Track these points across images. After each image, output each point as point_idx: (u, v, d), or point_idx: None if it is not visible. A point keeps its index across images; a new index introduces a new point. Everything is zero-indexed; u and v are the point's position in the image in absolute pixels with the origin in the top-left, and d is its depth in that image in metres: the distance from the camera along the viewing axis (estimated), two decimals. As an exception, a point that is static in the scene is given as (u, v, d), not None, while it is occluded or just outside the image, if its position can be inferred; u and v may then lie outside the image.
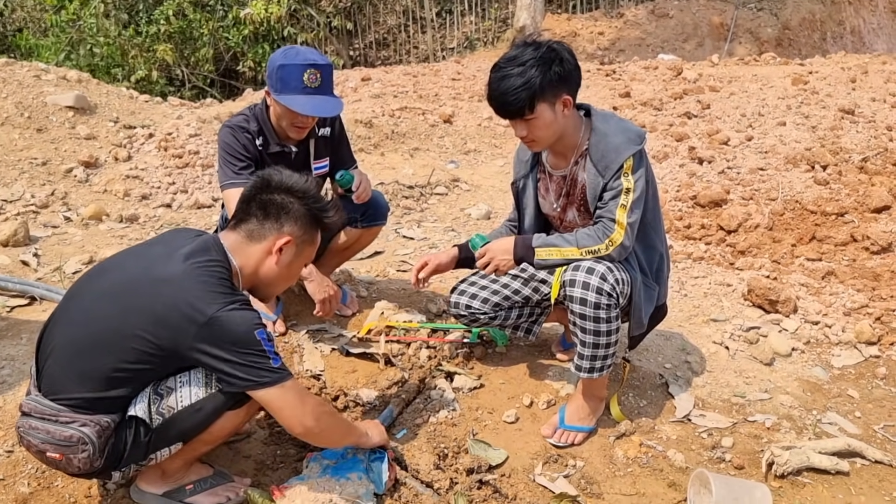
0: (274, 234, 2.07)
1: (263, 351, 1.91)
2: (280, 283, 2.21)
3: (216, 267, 1.98)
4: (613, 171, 2.36)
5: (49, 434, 1.89)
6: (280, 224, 2.08)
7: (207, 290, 1.91)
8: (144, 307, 1.90)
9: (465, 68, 9.65)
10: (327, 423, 2.07)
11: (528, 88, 2.28)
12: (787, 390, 2.96)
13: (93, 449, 1.90)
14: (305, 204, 2.10)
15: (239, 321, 1.90)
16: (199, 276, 1.93)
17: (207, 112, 6.60)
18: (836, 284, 3.94)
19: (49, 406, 1.91)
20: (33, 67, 6.08)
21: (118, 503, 2.18)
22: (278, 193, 2.08)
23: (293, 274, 2.22)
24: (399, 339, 3.12)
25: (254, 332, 1.90)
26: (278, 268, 2.11)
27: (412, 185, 5.51)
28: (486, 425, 2.67)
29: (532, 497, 2.33)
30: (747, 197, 5.12)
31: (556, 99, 2.34)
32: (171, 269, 1.94)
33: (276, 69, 2.73)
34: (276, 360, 1.94)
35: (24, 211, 4.51)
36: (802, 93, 7.36)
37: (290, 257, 2.12)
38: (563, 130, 2.43)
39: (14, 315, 3.23)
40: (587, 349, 2.47)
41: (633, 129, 2.42)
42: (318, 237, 2.21)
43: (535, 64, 2.27)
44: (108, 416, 1.94)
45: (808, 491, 2.41)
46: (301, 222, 2.10)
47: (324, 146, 3.14)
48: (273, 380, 1.93)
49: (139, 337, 1.89)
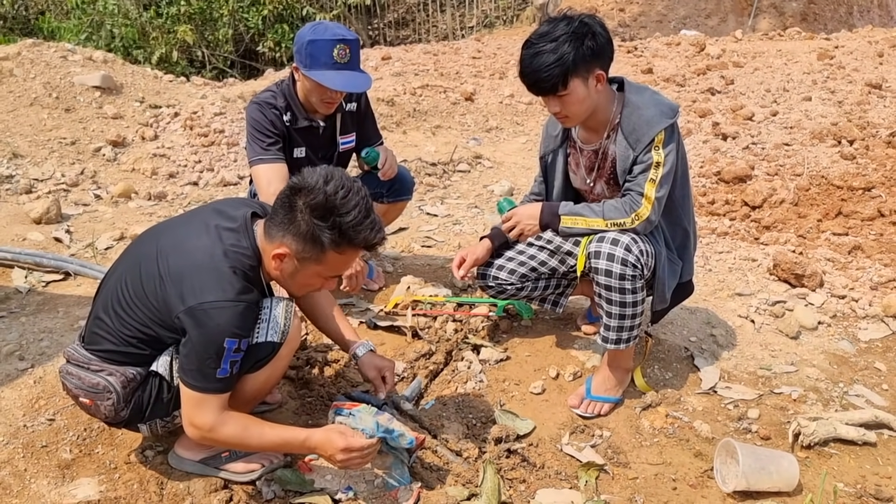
0: (277, 240, 1.97)
1: (220, 358, 1.90)
2: (291, 288, 2.15)
3: (240, 255, 1.97)
4: (644, 144, 2.36)
5: (80, 380, 2.06)
6: (283, 232, 1.96)
7: (215, 279, 1.91)
8: (163, 272, 1.96)
9: (486, 46, 9.60)
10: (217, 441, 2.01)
11: (562, 65, 2.26)
12: (813, 363, 2.96)
13: (117, 398, 2.04)
14: (310, 220, 1.91)
15: (219, 321, 1.88)
16: (220, 261, 1.94)
17: (231, 91, 6.64)
18: (862, 259, 3.92)
19: (83, 355, 2.08)
20: (60, 48, 6.14)
21: (157, 468, 2.24)
22: (299, 197, 1.92)
23: (304, 285, 2.09)
24: (425, 312, 3.16)
25: (224, 339, 1.89)
26: (281, 275, 2.03)
27: (435, 162, 5.53)
28: (514, 396, 2.71)
29: (559, 466, 2.37)
30: (772, 172, 5.08)
31: (588, 74, 2.32)
32: (199, 243, 1.99)
33: (305, 45, 2.75)
34: (224, 371, 1.92)
35: (56, 189, 4.59)
36: (828, 67, 7.26)
37: (291, 269, 2.00)
38: (596, 105, 2.42)
39: (50, 290, 3.30)
40: (613, 320, 2.49)
41: (666, 103, 2.41)
42: (328, 259, 1.98)
43: (568, 39, 2.25)
44: (134, 368, 2.06)
45: (834, 461, 2.43)
46: (301, 238, 1.94)
47: (350, 121, 3.16)
48: (199, 386, 1.93)
49: (154, 302, 1.97)
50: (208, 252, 1.96)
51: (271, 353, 2.09)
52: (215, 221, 2.05)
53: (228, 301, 1.90)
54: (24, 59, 5.76)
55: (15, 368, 2.65)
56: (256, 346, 2.05)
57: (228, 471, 2.24)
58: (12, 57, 5.74)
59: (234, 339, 1.91)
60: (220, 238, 1.99)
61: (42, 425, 2.37)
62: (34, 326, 2.94)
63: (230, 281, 1.92)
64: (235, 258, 1.97)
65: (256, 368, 2.09)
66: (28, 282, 3.34)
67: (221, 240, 1.99)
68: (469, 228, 4.31)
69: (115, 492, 2.13)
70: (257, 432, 2.01)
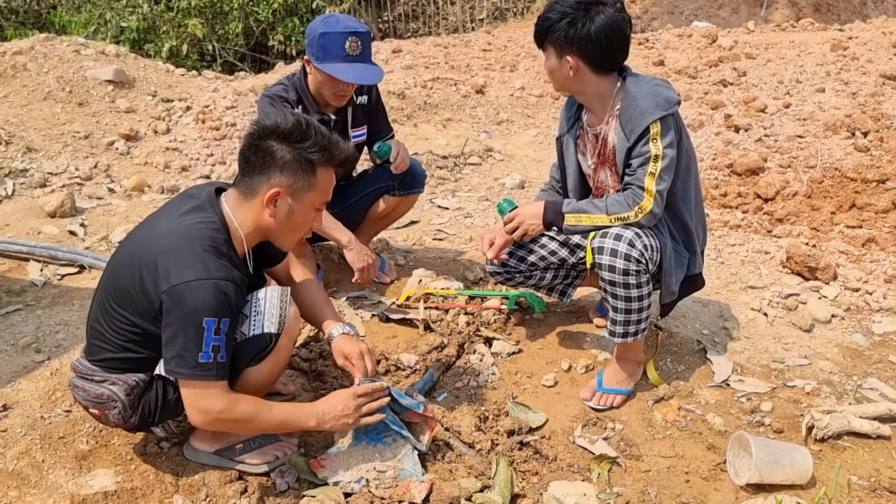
0: (264, 186, 1.96)
1: (200, 339, 1.86)
2: (289, 235, 2.11)
3: (205, 229, 1.95)
4: (637, 134, 2.35)
5: (86, 392, 2.08)
6: (267, 176, 1.96)
7: (187, 259, 1.88)
8: (137, 265, 1.95)
9: (496, 39, 9.57)
10: (225, 426, 2.02)
11: (544, 23, 2.38)
12: (826, 356, 2.95)
13: (122, 406, 2.05)
14: (291, 148, 1.95)
15: (195, 300, 1.85)
16: (189, 241, 1.92)
17: (243, 84, 6.66)
18: (876, 251, 3.89)
19: (87, 366, 2.10)
20: (73, 42, 6.17)
21: (172, 460, 2.26)
22: (265, 140, 1.95)
23: (300, 223, 2.07)
24: (437, 305, 3.17)
25: (203, 318, 1.85)
26: (277, 221, 2.01)
27: (446, 155, 5.53)
28: (526, 389, 2.72)
29: (572, 458, 2.37)
30: (785, 165, 5.05)
31: (562, 53, 2.38)
32: (165, 228, 1.99)
33: (317, 37, 2.75)
34: (207, 356, 1.87)
35: (70, 183, 4.62)
36: (842, 59, 7.19)
37: (286, 208, 2.00)
38: (579, 90, 2.48)
39: (65, 283, 3.34)
40: (619, 315, 2.49)
41: (663, 95, 2.39)
42: (319, 180, 2.01)
43: (565, 9, 2.34)
44: (136, 375, 2.06)
45: (848, 454, 2.42)
46: (290, 170, 1.95)
47: (361, 114, 3.17)
48: (186, 373, 1.89)
49: (134, 295, 1.95)
50: (177, 234, 1.95)
51: (271, 345, 2.08)
52: (181, 205, 2.05)
53: (203, 279, 1.86)
54: (37, 53, 5.79)
55: (32, 361, 2.68)
56: (253, 339, 2.05)
57: (243, 462, 2.25)
58: (26, 51, 5.77)
59: (212, 318, 1.85)
60: (186, 218, 1.98)
61: (59, 417, 2.40)
62: (50, 319, 2.97)
63: (202, 259, 1.89)
64: (204, 234, 1.94)
65: (258, 361, 2.09)
66: (43, 275, 3.37)
67: (187, 219, 1.98)
68: (480, 221, 4.31)
69: (132, 483, 2.16)
70: (267, 409, 2.01)
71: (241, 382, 2.10)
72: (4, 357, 2.72)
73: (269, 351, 2.10)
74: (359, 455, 2.20)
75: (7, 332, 2.88)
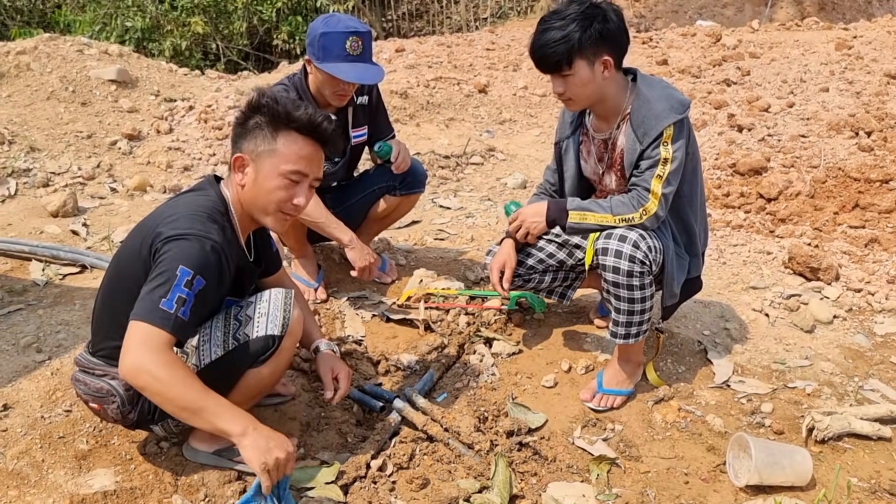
0: (236, 153, 2.04)
1: (169, 287, 1.81)
2: (262, 204, 2.04)
3: (203, 200, 2.04)
4: (652, 138, 2.35)
5: (87, 385, 2.10)
6: (237, 147, 2.04)
7: (185, 218, 1.95)
8: (138, 242, 1.99)
9: (499, 38, 9.56)
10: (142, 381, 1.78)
11: (567, 42, 2.27)
12: (828, 357, 2.94)
13: (121, 401, 2.06)
14: (256, 117, 2.02)
15: (178, 249, 1.87)
16: (181, 207, 2.01)
17: (245, 84, 6.67)
18: (879, 252, 3.88)
19: (90, 360, 2.11)
20: (76, 42, 6.18)
21: (172, 460, 2.26)
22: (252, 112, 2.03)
23: (267, 190, 2.01)
24: (438, 305, 3.16)
25: (178, 265, 1.84)
26: (247, 189, 2.04)
27: (448, 154, 5.52)
28: (525, 390, 2.71)
29: (571, 459, 2.37)
30: (788, 164, 5.04)
31: (595, 58, 2.32)
32: (163, 207, 2.07)
33: (317, 37, 2.75)
34: (169, 304, 1.79)
35: (72, 182, 4.64)
36: (846, 58, 7.16)
37: (252, 175, 2.02)
38: (602, 93, 2.40)
39: (67, 282, 3.35)
40: (622, 316, 2.49)
41: (677, 97, 2.38)
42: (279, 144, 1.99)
43: (577, 18, 2.26)
44: None
45: (848, 456, 2.42)
46: (251, 135, 2.01)
47: (362, 114, 3.17)
48: (140, 314, 1.80)
49: (136, 266, 1.96)
50: (176, 206, 2.03)
51: (274, 347, 2.09)
52: (182, 195, 2.15)
53: (191, 233, 1.90)
54: (40, 53, 5.80)
55: (33, 360, 2.69)
56: (256, 340, 2.06)
57: (243, 462, 2.25)
58: (29, 51, 5.79)
59: (188, 269, 1.84)
60: (187, 199, 2.07)
61: (59, 416, 2.40)
62: (51, 319, 2.98)
63: (198, 219, 1.95)
64: (202, 203, 2.02)
65: (260, 363, 2.09)
66: (45, 274, 3.38)
67: (188, 199, 2.06)
68: (482, 221, 4.30)
69: (131, 482, 2.16)
70: (194, 388, 1.78)
71: (242, 383, 2.10)
72: (5, 357, 2.73)
73: (272, 353, 2.10)
74: None
75: (8, 332, 2.89)
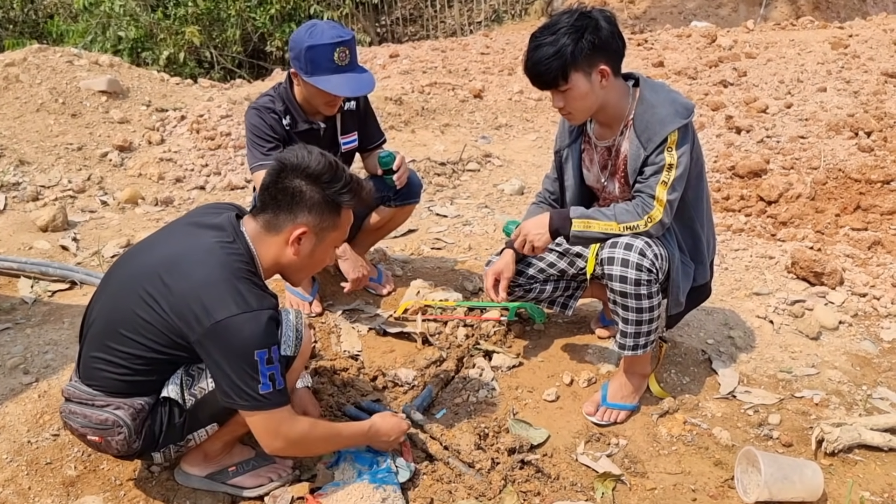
0: (289, 224, 1.97)
1: (256, 373, 1.85)
2: (306, 271, 2.14)
3: (232, 259, 1.92)
4: (656, 143, 2.28)
5: (87, 418, 1.97)
6: (294, 214, 1.97)
7: (228, 293, 1.85)
8: (163, 294, 1.89)
9: (494, 42, 9.50)
10: (305, 447, 2.09)
11: (560, 58, 2.21)
12: (835, 365, 2.88)
13: (128, 431, 1.96)
14: (320, 189, 1.96)
15: (243, 334, 1.84)
16: (214, 269, 1.88)
17: (238, 93, 6.60)
18: (883, 255, 3.82)
19: (85, 391, 1.98)
20: (66, 53, 6.10)
21: (163, 485, 2.20)
22: (293, 178, 1.95)
23: (319, 261, 2.11)
24: (436, 317, 3.10)
25: (253, 350, 1.84)
26: (299, 258, 2.02)
27: (444, 161, 5.46)
28: (527, 404, 2.65)
29: (575, 476, 2.30)
30: (788, 166, 4.98)
31: (591, 68, 2.26)
32: (197, 259, 1.92)
33: (303, 51, 2.68)
34: (266, 386, 1.86)
35: (62, 196, 4.56)
36: (843, 57, 7.12)
37: (309, 246, 2.02)
38: (603, 101, 2.34)
39: (56, 300, 3.27)
40: (630, 326, 2.42)
41: (681, 102, 2.33)
42: (342, 220, 2.05)
43: (568, 31, 2.20)
44: (141, 398, 1.98)
45: (859, 468, 2.35)
46: (317, 210, 1.97)
47: (351, 120, 3.11)
48: (251, 405, 1.88)
49: (158, 323, 1.89)
50: (210, 266, 1.89)
51: (285, 367, 2.03)
52: (205, 234, 1.98)
53: (248, 312, 1.84)
54: (29, 64, 5.72)
55: (19, 382, 2.61)
56: None
57: (236, 486, 2.19)
58: (18, 63, 5.71)
59: (262, 349, 1.85)
60: (217, 250, 1.93)
61: (46, 441, 2.33)
62: (39, 339, 2.90)
63: (243, 292, 1.86)
64: (238, 267, 1.91)
65: None
66: (34, 291, 3.30)
67: (219, 251, 1.93)
68: (479, 229, 4.24)
69: (121, 510, 2.09)
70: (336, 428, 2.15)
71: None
72: (-8, 379, 2.65)
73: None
74: (357, 493, 2.11)
75: (-5, 353, 2.82)
